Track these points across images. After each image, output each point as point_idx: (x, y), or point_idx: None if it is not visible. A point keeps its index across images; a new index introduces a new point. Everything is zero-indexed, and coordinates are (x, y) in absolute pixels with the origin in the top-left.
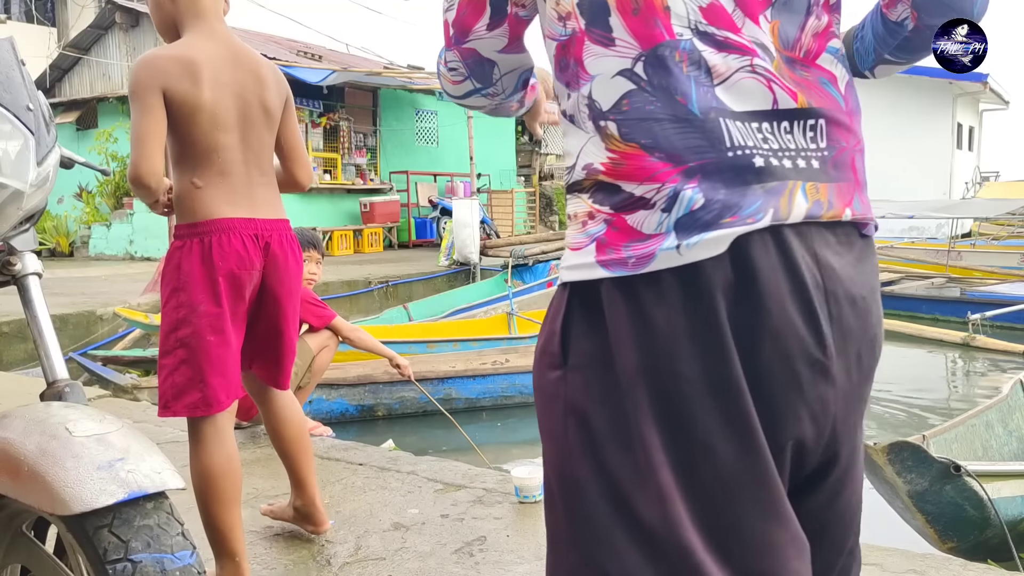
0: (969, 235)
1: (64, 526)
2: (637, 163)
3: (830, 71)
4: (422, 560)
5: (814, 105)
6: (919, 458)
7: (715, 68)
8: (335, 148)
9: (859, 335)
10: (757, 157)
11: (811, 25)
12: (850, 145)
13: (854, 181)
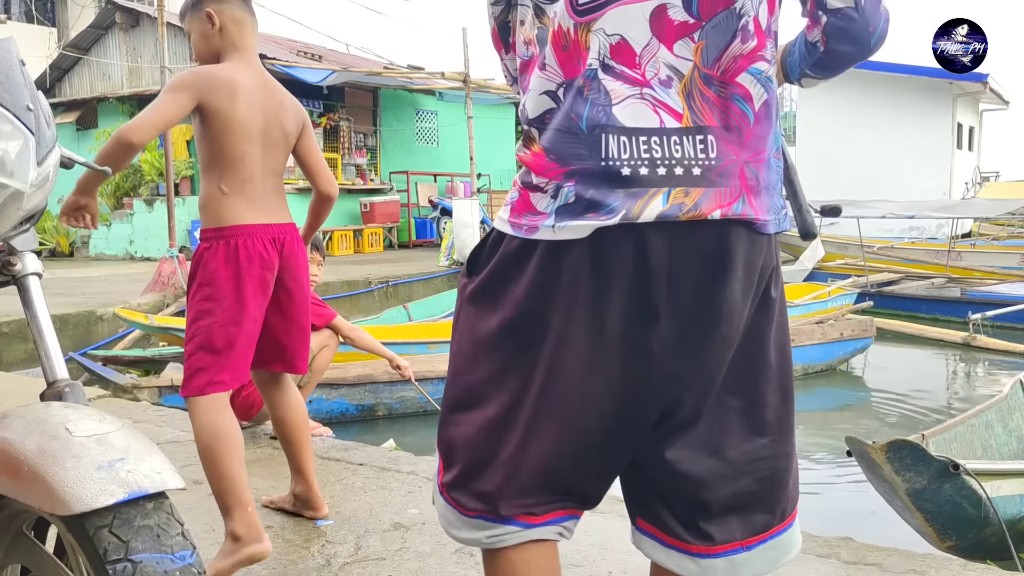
0: (969, 235)
1: (64, 526)
2: (539, 160)
3: (747, 89)
4: (422, 560)
5: (703, 124)
6: (918, 456)
7: (612, 93)
8: (335, 148)
9: (703, 309)
10: (626, 168)
11: (734, 48)
12: (740, 158)
13: (740, 187)
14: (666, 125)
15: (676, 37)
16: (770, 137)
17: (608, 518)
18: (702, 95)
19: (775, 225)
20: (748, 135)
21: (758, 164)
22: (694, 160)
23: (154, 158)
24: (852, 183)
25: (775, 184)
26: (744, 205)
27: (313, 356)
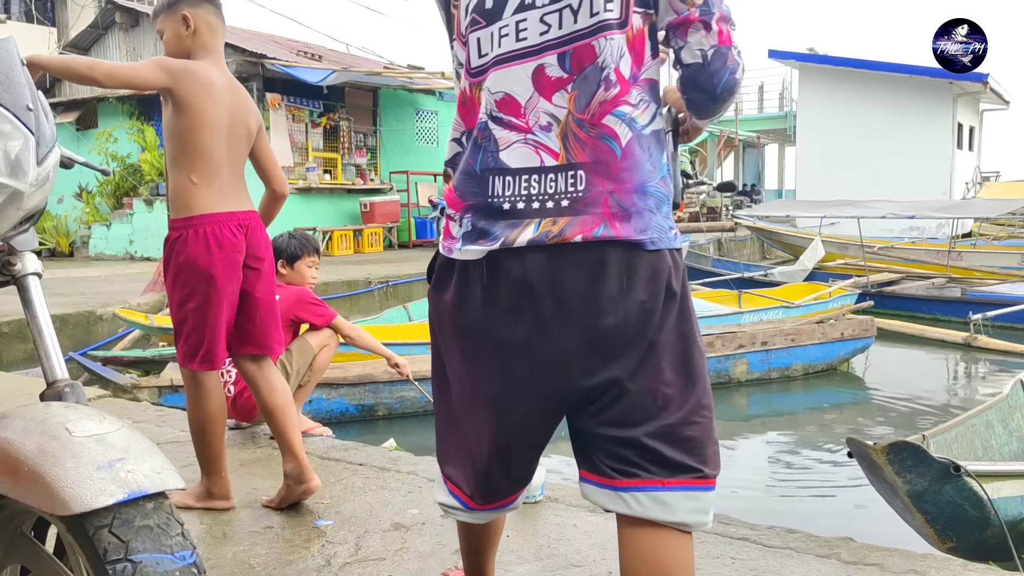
0: (969, 235)
1: (64, 526)
2: (451, 196)
3: (613, 129)
4: (422, 560)
5: (575, 161)
6: (919, 458)
7: (500, 140)
8: (335, 148)
9: (579, 313)
10: (507, 203)
11: (600, 95)
12: (606, 189)
13: (603, 215)
14: (545, 164)
15: (553, 90)
16: (642, 168)
17: (608, 518)
18: (575, 136)
19: (652, 244)
20: (615, 168)
21: (624, 193)
22: (564, 194)
23: (154, 158)
24: (852, 183)
25: (654, 207)
26: (607, 229)
27: (315, 355)
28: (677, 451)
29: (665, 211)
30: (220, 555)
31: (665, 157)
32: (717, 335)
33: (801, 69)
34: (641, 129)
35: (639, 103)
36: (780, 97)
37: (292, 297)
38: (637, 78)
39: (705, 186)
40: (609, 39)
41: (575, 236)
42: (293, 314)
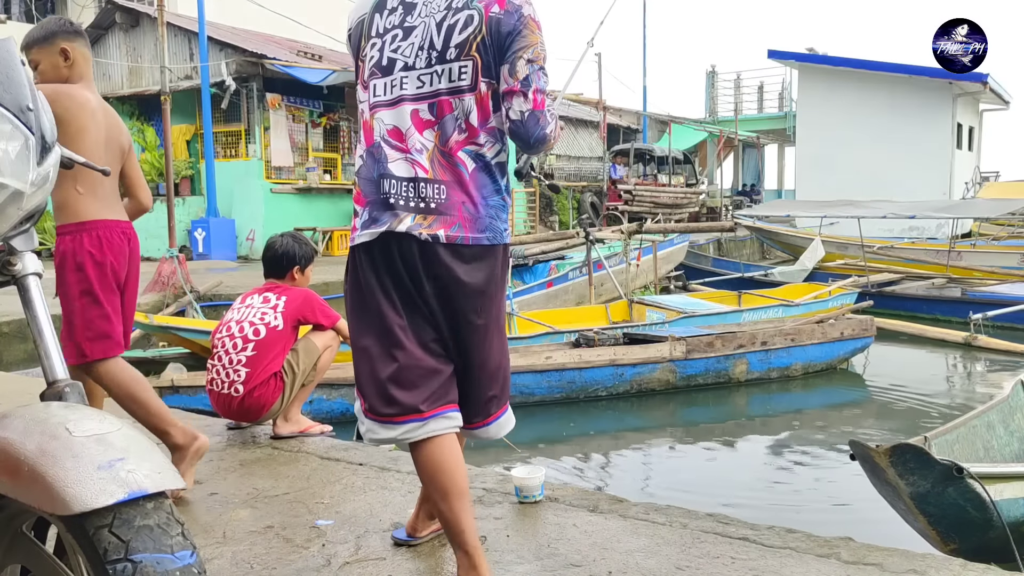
0: (969, 235)
1: (64, 526)
2: (357, 196)
3: (463, 160)
4: (422, 560)
5: (439, 177)
6: (921, 460)
7: (389, 156)
8: (335, 148)
9: (449, 288)
10: (392, 199)
11: (455, 136)
12: (459, 199)
13: (458, 218)
14: (419, 176)
15: (423, 127)
16: (486, 188)
17: (608, 518)
18: (439, 161)
19: (489, 240)
20: (467, 186)
21: (473, 204)
22: (432, 199)
23: (154, 158)
24: (852, 183)
25: (491, 215)
26: (459, 229)
27: (318, 356)
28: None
29: (503, 217)
30: (220, 555)
31: (505, 180)
32: (717, 335)
33: (801, 69)
34: (487, 160)
35: (485, 143)
36: (780, 97)
37: (300, 298)
38: (484, 126)
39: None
40: (462, 99)
41: (438, 231)
42: (300, 314)
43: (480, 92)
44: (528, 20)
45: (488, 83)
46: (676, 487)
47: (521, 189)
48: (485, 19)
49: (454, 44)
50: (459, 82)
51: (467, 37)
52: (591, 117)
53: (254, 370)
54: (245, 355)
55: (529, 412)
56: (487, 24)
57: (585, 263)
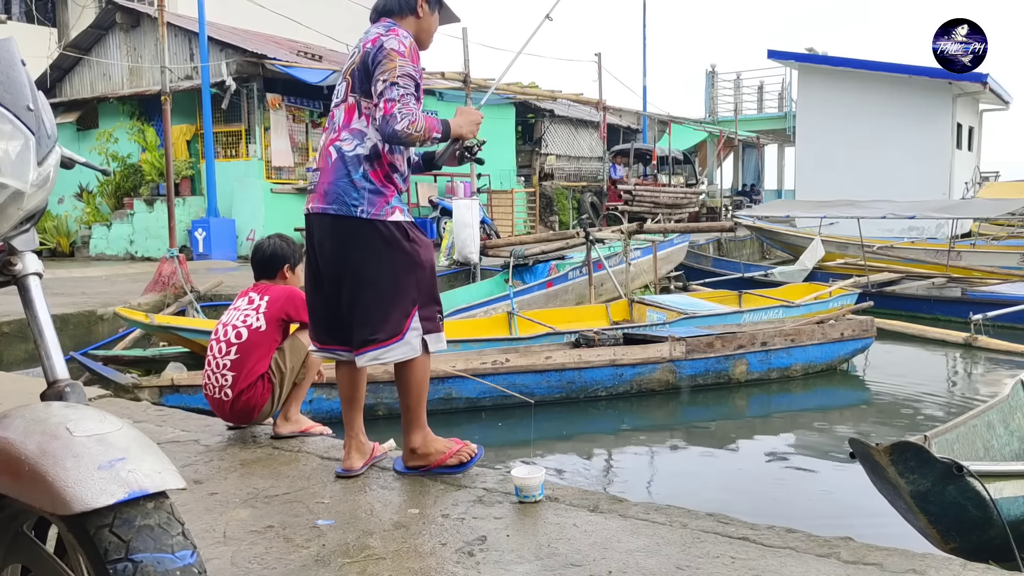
0: (969, 235)
1: (65, 526)
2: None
3: (331, 152)
4: (422, 560)
5: (319, 167)
6: (922, 459)
7: (318, 153)
8: None
9: (329, 256)
10: (310, 185)
11: (330, 135)
12: (324, 181)
13: (319, 195)
14: (317, 167)
15: (326, 131)
16: (340, 172)
17: (608, 518)
18: (323, 154)
19: (335, 211)
20: (327, 171)
21: (329, 185)
22: (315, 184)
23: (154, 158)
24: (852, 183)
25: (342, 192)
26: (317, 203)
27: (306, 353)
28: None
29: (354, 195)
30: (220, 555)
31: (362, 167)
32: (717, 335)
33: (800, 69)
34: (346, 152)
35: (346, 140)
36: (779, 97)
37: (283, 296)
38: (347, 127)
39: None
40: (338, 108)
41: (316, 209)
42: (283, 313)
43: (347, 103)
44: (388, 51)
45: (354, 98)
46: (676, 487)
47: (521, 188)
48: (361, 53)
49: (342, 73)
50: (338, 98)
51: (348, 65)
52: (591, 117)
53: (239, 373)
54: (229, 359)
55: (529, 412)
56: (361, 56)
57: (585, 263)
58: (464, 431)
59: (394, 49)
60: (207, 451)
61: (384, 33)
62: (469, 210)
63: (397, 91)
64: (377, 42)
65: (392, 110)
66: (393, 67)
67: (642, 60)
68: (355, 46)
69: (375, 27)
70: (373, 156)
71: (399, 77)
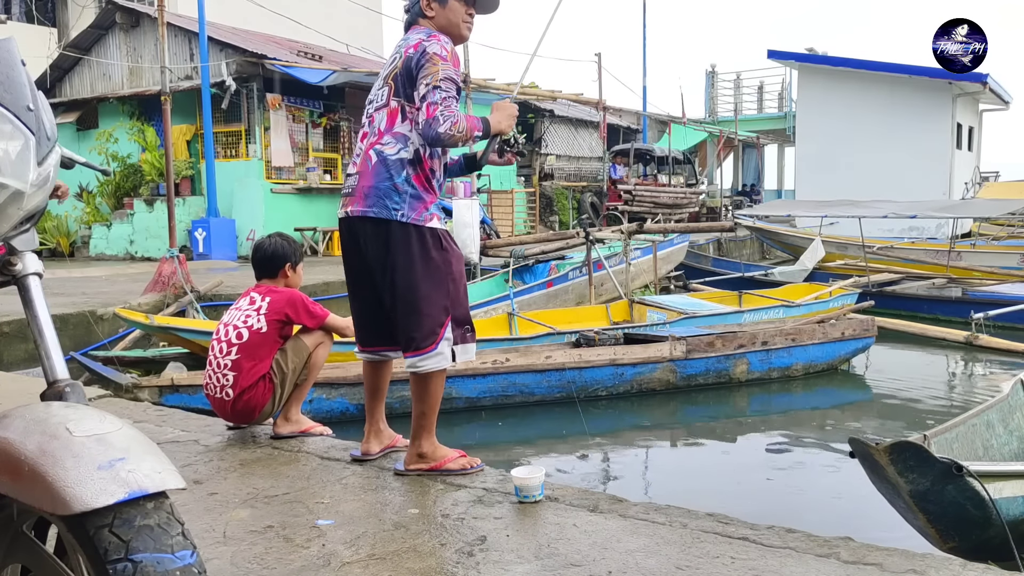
0: (969, 235)
1: (64, 526)
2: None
3: (371, 155)
4: (422, 560)
5: (359, 170)
6: (921, 458)
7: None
8: (335, 148)
9: (371, 260)
10: (349, 188)
11: (370, 138)
12: (364, 184)
13: (360, 197)
14: (355, 171)
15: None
16: (389, 176)
17: (608, 518)
18: (363, 158)
19: (375, 214)
20: (370, 176)
21: (374, 188)
22: (355, 187)
23: (154, 158)
24: (852, 183)
25: (384, 195)
26: (365, 207)
27: (309, 353)
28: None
29: (395, 199)
30: (220, 555)
31: (405, 171)
32: (717, 335)
33: (800, 69)
34: (389, 156)
35: (388, 144)
36: (779, 97)
37: (284, 298)
38: (390, 131)
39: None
40: (379, 112)
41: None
42: (283, 314)
43: (389, 107)
44: (431, 55)
45: (398, 102)
46: (676, 487)
47: (521, 188)
48: (403, 58)
49: (382, 77)
50: (378, 102)
51: (389, 71)
52: (591, 117)
53: (240, 373)
54: (230, 359)
55: (529, 412)
56: (403, 62)
57: (585, 263)
58: (464, 431)
59: (436, 53)
60: (207, 451)
61: (426, 38)
62: (469, 210)
63: (440, 94)
64: (419, 47)
65: (435, 113)
66: (436, 71)
67: (642, 60)
68: (395, 51)
69: (414, 33)
70: (416, 161)
71: (441, 80)
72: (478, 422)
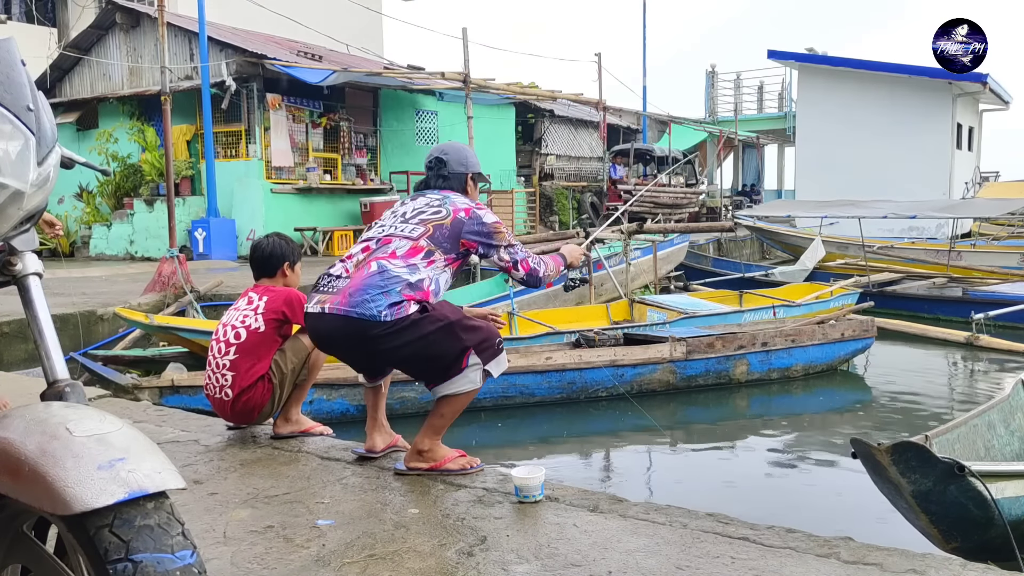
0: (969, 235)
1: (65, 526)
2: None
3: (371, 265)
4: (422, 560)
5: (350, 274)
6: (923, 459)
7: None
8: (335, 148)
9: (362, 349)
10: (327, 288)
11: (376, 254)
12: (353, 286)
13: (343, 297)
14: (344, 274)
15: (365, 251)
16: (383, 287)
17: (608, 518)
18: (359, 264)
19: (372, 315)
20: (361, 280)
21: (363, 292)
22: (340, 289)
23: (154, 158)
24: (852, 183)
25: (377, 300)
26: (348, 307)
27: (308, 353)
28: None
29: (381, 303)
30: (220, 555)
31: (401, 288)
32: (717, 336)
33: (800, 69)
34: (391, 271)
35: (397, 265)
36: (779, 97)
37: (282, 296)
38: (406, 259)
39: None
40: (399, 240)
41: (326, 306)
42: (280, 313)
43: (417, 244)
44: (493, 225)
45: (428, 244)
46: (676, 487)
47: (521, 188)
48: (452, 217)
49: (418, 216)
50: (405, 233)
51: (433, 218)
52: (591, 117)
53: (238, 373)
54: (228, 359)
55: (529, 412)
56: (453, 221)
57: (585, 263)
58: (464, 431)
59: (496, 222)
60: (207, 451)
61: (474, 206)
62: None
63: (522, 252)
64: (472, 215)
65: (531, 266)
66: (503, 236)
67: (642, 60)
68: (436, 202)
69: (459, 199)
70: (416, 287)
71: (514, 242)
72: (478, 423)
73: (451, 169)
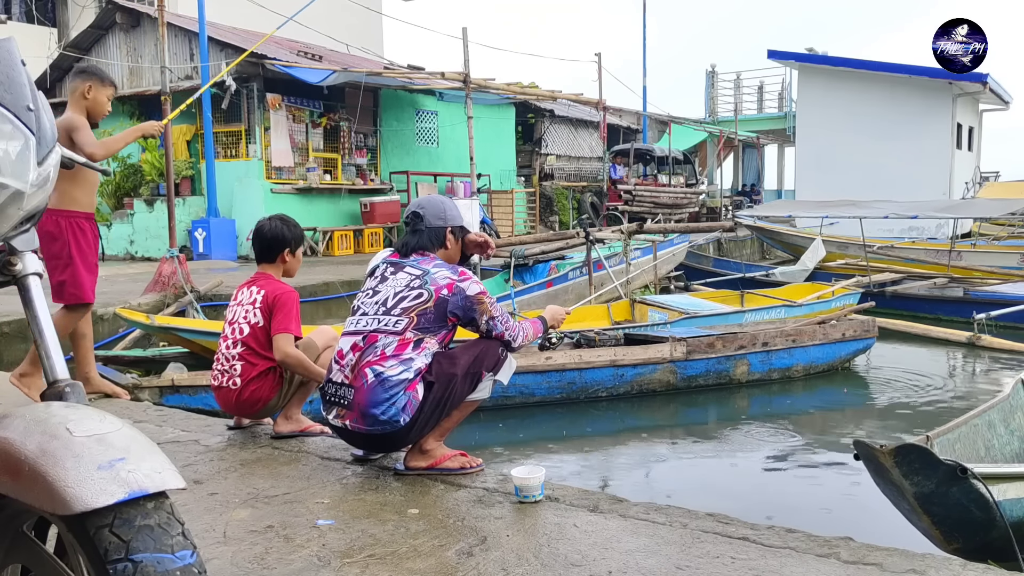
0: (969, 235)
1: (65, 526)
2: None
3: (367, 374)
4: (422, 560)
5: (353, 384)
6: (926, 460)
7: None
8: (335, 148)
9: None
10: (339, 399)
11: (366, 358)
12: (361, 401)
13: (358, 415)
14: (347, 382)
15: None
16: (389, 398)
17: (608, 518)
18: (356, 373)
19: (392, 428)
20: (366, 394)
21: (374, 409)
22: (351, 401)
23: (154, 158)
24: (852, 183)
25: (388, 413)
26: (368, 427)
27: (318, 355)
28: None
29: (393, 413)
30: (220, 555)
31: (403, 386)
32: (718, 336)
33: (800, 69)
34: (389, 377)
35: (391, 367)
36: (779, 97)
37: (273, 294)
38: (397, 357)
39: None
40: (387, 337)
41: (347, 422)
42: (269, 310)
43: (404, 337)
44: (476, 297)
45: (415, 335)
46: (676, 487)
47: (521, 188)
48: (435, 299)
49: (400, 308)
50: (390, 328)
51: (412, 304)
52: (591, 117)
53: (247, 364)
54: (237, 351)
55: (529, 412)
56: (436, 303)
57: (585, 263)
58: (464, 432)
59: (480, 292)
60: (207, 451)
61: (457, 279)
62: (469, 210)
63: (502, 324)
64: (455, 289)
65: (507, 337)
66: (486, 308)
67: (642, 60)
68: (416, 283)
69: (434, 267)
70: (415, 375)
71: (497, 313)
72: (478, 423)
73: (428, 223)
